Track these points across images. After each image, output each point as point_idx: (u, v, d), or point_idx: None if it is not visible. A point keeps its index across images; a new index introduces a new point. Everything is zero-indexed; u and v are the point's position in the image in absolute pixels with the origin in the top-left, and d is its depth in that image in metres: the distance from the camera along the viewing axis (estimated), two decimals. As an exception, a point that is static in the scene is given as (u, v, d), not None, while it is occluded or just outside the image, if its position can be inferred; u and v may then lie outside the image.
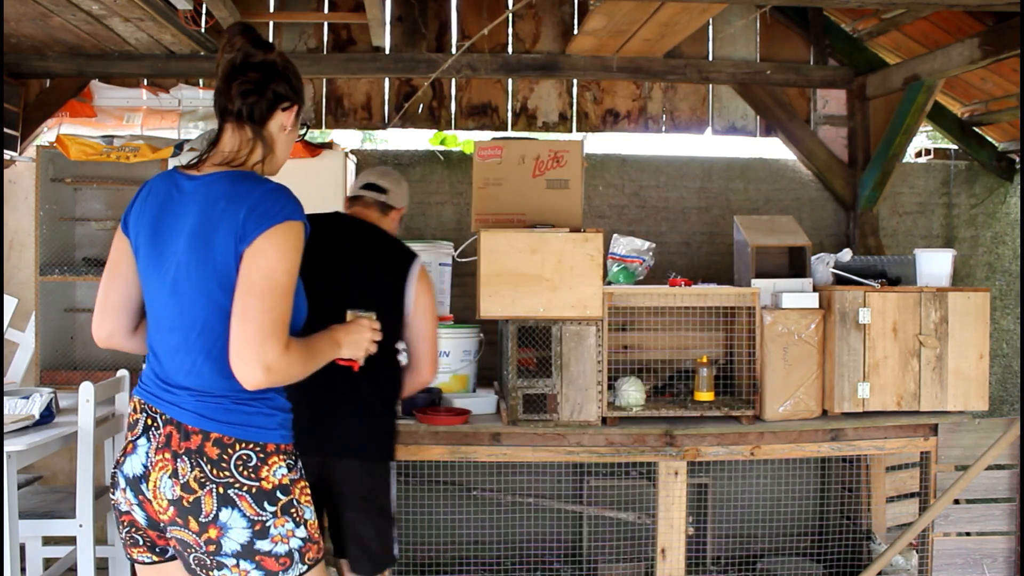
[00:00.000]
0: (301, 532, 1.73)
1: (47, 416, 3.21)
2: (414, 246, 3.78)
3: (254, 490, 1.68)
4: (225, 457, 1.68)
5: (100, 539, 3.62)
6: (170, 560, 1.81)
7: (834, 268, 3.48)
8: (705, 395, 3.25)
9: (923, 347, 3.26)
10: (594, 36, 4.01)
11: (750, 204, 4.59)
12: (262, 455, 1.71)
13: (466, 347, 3.54)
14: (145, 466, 1.72)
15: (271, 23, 4.43)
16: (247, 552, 1.67)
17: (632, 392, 3.23)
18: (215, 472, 1.67)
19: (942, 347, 3.27)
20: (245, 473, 1.68)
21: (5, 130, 4.04)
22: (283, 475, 1.73)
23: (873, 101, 4.51)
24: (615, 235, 3.69)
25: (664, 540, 3.22)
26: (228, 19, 3.86)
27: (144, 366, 1.85)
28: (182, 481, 1.67)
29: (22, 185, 4.32)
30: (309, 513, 1.77)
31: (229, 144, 1.80)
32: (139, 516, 1.77)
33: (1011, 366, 4.76)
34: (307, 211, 1.86)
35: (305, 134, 1.99)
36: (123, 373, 3.59)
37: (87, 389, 3.10)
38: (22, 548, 3.44)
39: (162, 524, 1.73)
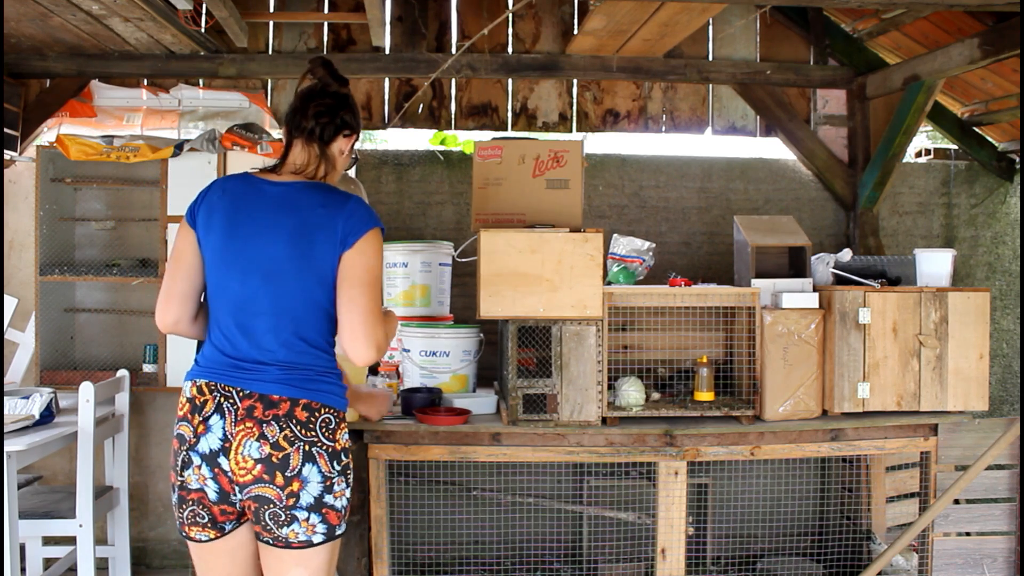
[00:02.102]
0: (348, 493, 2.04)
1: (47, 416, 3.21)
2: (414, 246, 3.81)
3: (330, 449, 1.99)
4: (312, 419, 1.98)
5: (100, 539, 3.62)
6: (226, 536, 2.03)
7: (834, 268, 3.48)
8: (705, 395, 3.25)
9: (923, 347, 3.26)
10: (594, 36, 4.02)
11: (750, 204, 4.60)
12: (337, 419, 2.03)
13: (466, 347, 3.54)
14: (223, 440, 1.95)
15: (271, 23, 4.43)
16: (317, 505, 1.96)
17: (632, 392, 3.23)
18: (303, 432, 1.96)
19: (942, 347, 3.27)
20: (327, 434, 1.99)
21: (5, 130, 4.04)
22: (347, 439, 2.06)
23: (873, 101, 4.51)
24: (615, 235, 3.69)
25: (664, 540, 3.22)
26: (228, 19, 3.86)
27: (203, 350, 2.07)
28: (271, 441, 1.94)
29: (22, 185, 4.32)
30: (352, 478, 2.07)
31: (300, 158, 2.11)
32: (211, 490, 1.98)
33: (1011, 366, 4.76)
34: None
35: (352, 165, 2.29)
36: (123, 373, 3.59)
37: (87, 389, 3.10)
38: (22, 548, 3.44)
39: (239, 487, 1.95)
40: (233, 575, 2.06)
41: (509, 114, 4.58)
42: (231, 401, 1.97)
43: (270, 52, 4.46)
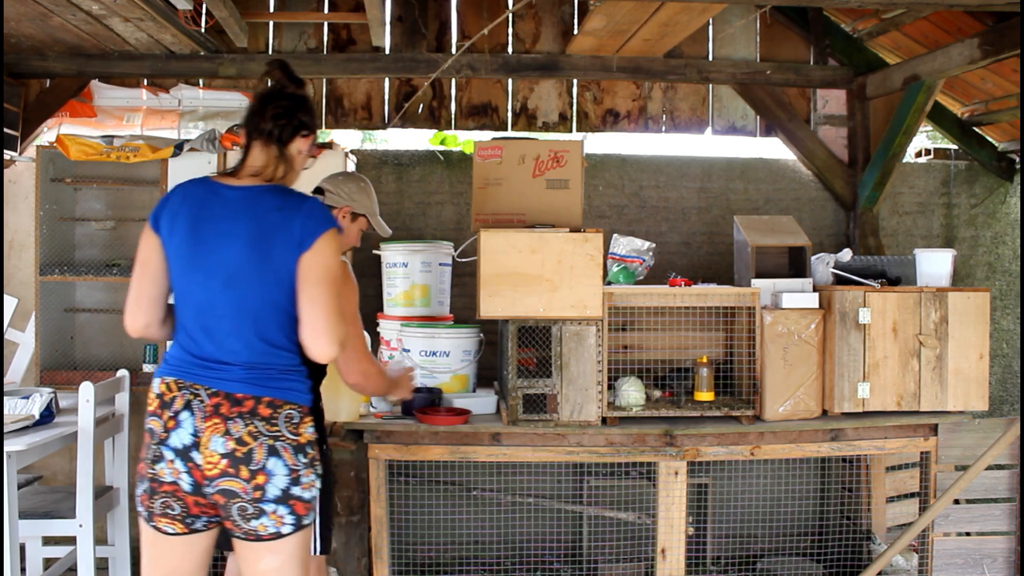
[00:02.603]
0: (318, 484, 2.11)
1: (47, 416, 3.21)
2: (414, 246, 3.81)
3: (294, 443, 2.06)
4: (275, 415, 2.05)
5: (100, 539, 3.62)
6: (191, 534, 2.10)
7: (834, 268, 3.48)
8: (705, 395, 3.25)
9: (923, 347, 3.26)
10: (594, 36, 4.02)
11: (750, 204, 4.60)
12: (301, 414, 2.09)
13: (466, 347, 3.54)
14: (194, 435, 2.03)
15: (271, 23, 4.43)
16: (284, 497, 2.03)
17: (632, 392, 3.23)
18: (267, 427, 2.03)
19: (942, 347, 3.27)
20: (290, 428, 2.06)
21: (5, 130, 4.04)
22: (312, 433, 2.11)
23: (873, 101, 4.51)
24: (615, 235, 3.69)
25: (664, 540, 3.22)
26: (228, 19, 3.86)
27: (171, 350, 2.14)
28: (236, 437, 2.01)
29: (22, 185, 4.32)
30: (320, 468, 2.13)
31: (259, 160, 2.15)
32: (185, 483, 2.04)
33: (1011, 366, 4.76)
34: None
35: (311, 166, 2.32)
36: (123, 373, 3.59)
37: (87, 389, 3.10)
38: (22, 548, 3.44)
39: (207, 484, 2.02)
40: (181, 570, 2.12)
41: (509, 114, 4.58)
42: (199, 399, 2.04)
43: (270, 52, 4.45)
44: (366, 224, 2.89)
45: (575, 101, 4.61)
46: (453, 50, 4.43)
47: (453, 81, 4.54)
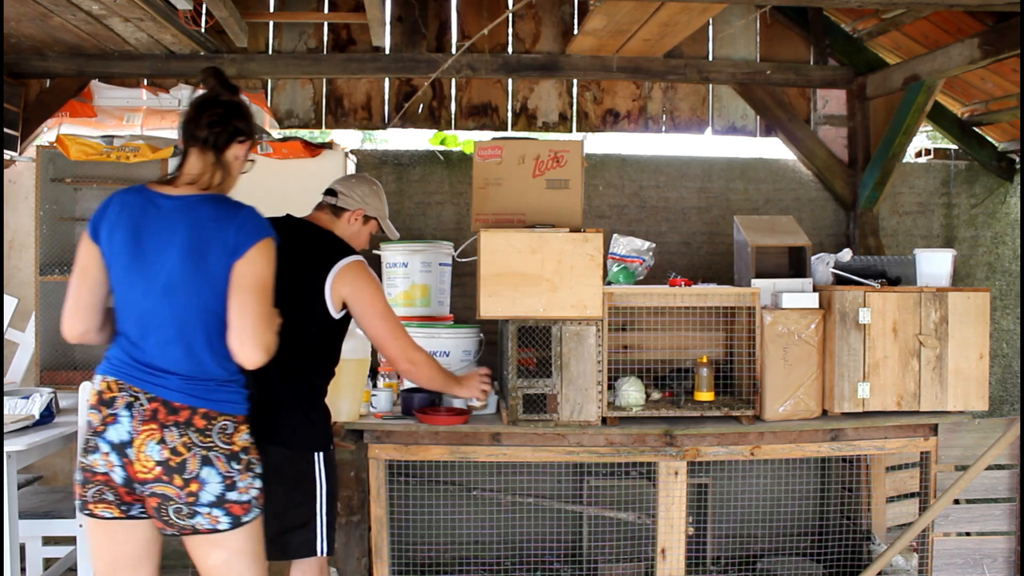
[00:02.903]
0: (257, 483, 2.19)
1: (47, 416, 3.21)
2: (414, 246, 3.81)
3: (228, 452, 2.12)
4: (210, 427, 2.10)
5: (100, 539, 3.61)
6: (129, 519, 2.15)
7: (834, 268, 3.48)
8: (705, 395, 3.25)
9: (923, 347, 3.26)
10: (594, 36, 4.02)
11: (750, 204, 4.60)
12: (235, 424, 2.15)
13: (466, 347, 3.54)
14: (130, 434, 2.08)
15: (271, 23, 4.43)
16: (219, 501, 2.10)
17: (632, 392, 3.23)
18: (200, 439, 2.09)
19: (942, 347, 3.27)
20: (223, 439, 2.12)
21: (5, 130, 4.04)
22: (246, 440, 2.18)
23: (873, 101, 4.51)
24: (615, 235, 3.69)
25: (664, 540, 3.22)
26: (228, 19, 3.86)
27: (112, 351, 2.17)
28: (170, 446, 2.06)
29: (22, 185, 4.32)
30: (260, 468, 2.22)
31: (195, 167, 2.18)
32: (118, 476, 2.10)
33: (1011, 366, 4.76)
34: (302, 212, 2.55)
35: (249, 170, 2.35)
36: (123, 373, 3.58)
37: (87, 389, 3.10)
38: (22, 548, 3.44)
39: (140, 483, 2.09)
40: (126, 555, 2.16)
41: (509, 114, 4.58)
42: (139, 402, 2.09)
43: (270, 52, 4.46)
44: (376, 227, 2.89)
45: (575, 101, 4.61)
46: (453, 50, 4.44)
47: (453, 81, 4.54)
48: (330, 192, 2.83)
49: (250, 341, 2.09)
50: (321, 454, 2.67)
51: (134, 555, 2.17)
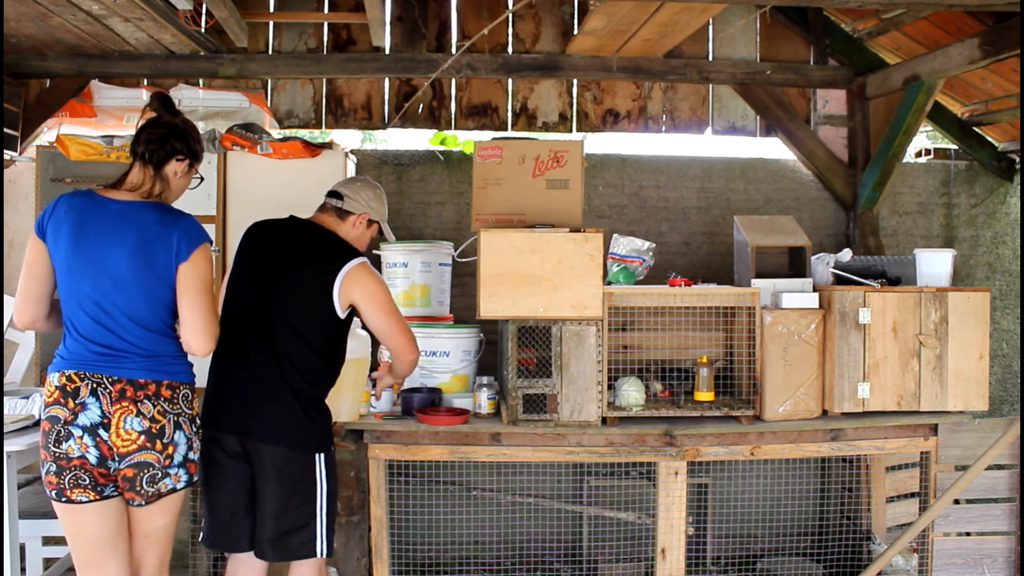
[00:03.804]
0: (199, 445, 2.50)
1: (47, 416, 3.20)
2: (414, 246, 3.81)
3: (190, 417, 2.45)
4: (175, 395, 2.42)
5: (100, 539, 3.61)
6: (103, 500, 2.38)
7: (834, 268, 3.48)
8: (705, 395, 3.25)
9: (923, 347, 3.26)
10: (594, 36, 4.01)
11: (750, 204, 4.60)
12: (192, 391, 2.48)
13: (466, 347, 3.54)
14: (102, 416, 2.34)
15: (271, 23, 4.43)
16: (184, 461, 2.43)
17: (632, 392, 3.23)
18: (171, 406, 2.40)
19: (942, 347, 3.27)
20: (187, 405, 2.45)
21: (5, 130, 4.04)
22: (198, 406, 2.54)
23: (873, 101, 4.51)
24: (615, 235, 3.69)
25: (664, 540, 3.22)
26: (228, 19, 3.86)
27: (63, 348, 2.41)
28: (149, 416, 2.36)
29: (22, 185, 4.32)
30: (202, 433, 2.54)
31: (136, 178, 2.48)
32: (92, 456, 2.34)
33: (1011, 366, 4.76)
34: (302, 212, 2.84)
35: (197, 186, 2.65)
36: (123, 373, 3.58)
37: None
38: (22, 548, 3.44)
39: (120, 457, 2.35)
40: (104, 535, 2.39)
41: (509, 114, 4.58)
42: (103, 386, 2.34)
43: (270, 52, 4.46)
44: (377, 230, 2.93)
45: (575, 101, 4.61)
46: (453, 50, 4.44)
47: (453, 81, 4.54)
48: (334, 195, 2.86)
49: (201, 334, 2.40)
50: (322, 455, 2.67)
51: (110, 534, 2.41)
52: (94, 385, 2.34)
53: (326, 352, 2.71)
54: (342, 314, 2.70)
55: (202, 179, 2.68)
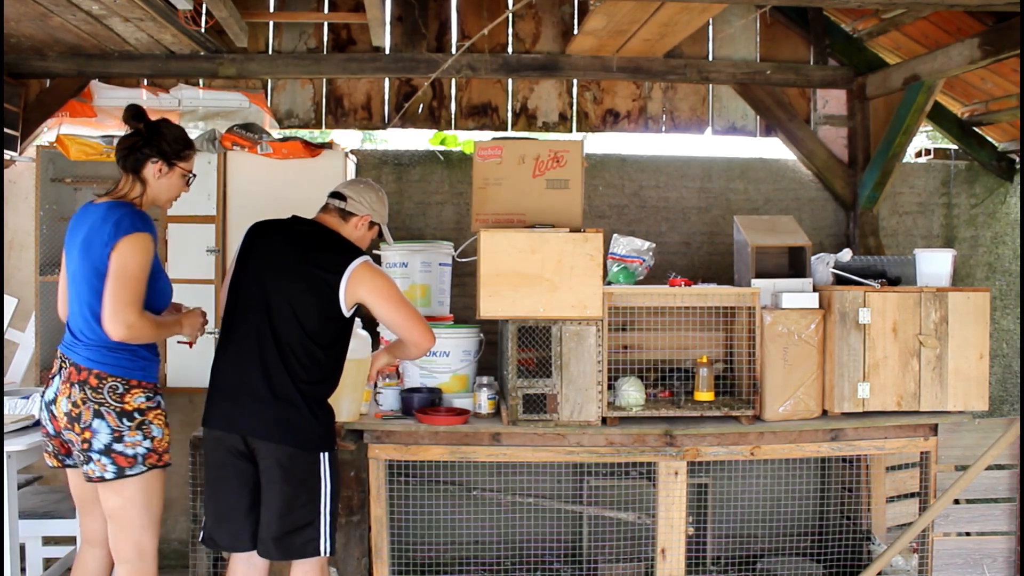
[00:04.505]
0: (146, 443, 2.61)
1: (47, 416, 3.21)
2: (414, 246, 3.81)
3: (118, 409, 2.58)
4: (101, 386, 2.58)
5: (100, 539, 3.61)
6: (68, 467, 2.75)
7: (834, 268, 3.48)
8: (705, 395, 3.25)
9: (923, 347, 3.26)
10: (594, 36, 4.01)
11: (750, 204, 4.60)
12: (126, 386, 2.60)
13: (466, 347, 3.54)
14: (55, 393, 2.64)
15: (271, 23, 4.43)
16: (107, 451, 2.57)
17: (632, 392, 3.23)
18: (93, 395, 2.57)
19: (942, 347, 3.27)
20: (114, 397, 2.58)
21: (5, 130, 4.04)
22: (141, 402, 2.62)
23: (873, 101, 4.51)
24: (615, 235, 3.69)
25: (664, 540, 3.22)
26: (228, 19, 3.86)
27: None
28: (72, 400, 2.59)
29: (22, 185, 4.32)
30: (157, 432, 2.64)
31: (122, 183, 2.73)
32: (50, 427, 2.68)
33: (1011, 366, 4.76)
34: (303, 212, 2.90)
35: (190, 181, 2.84)
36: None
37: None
38: (22, 548, 3.44)
39: (59, 432, 2.65)
40: (78, 497, 2.79)
41: (509, 114, 4.58)
42: (64, 367, 2.64)
43: (270, 52, 4.45)
44: (377, 232, 2.97)
45: (575, 101, 4.61)
46: (453, 50, 4.44)
47: (453, 81, 4.54)
48: (338, 196, 2.88)
49: (110, 319, 2.52)
50: (327, 454, 2.69)
51: (84, 497, 2.76)
52: (60, 365, 2.65)
53: (332, 350, 2.73)
54: (347, 313, 2.72)
55: (194, 176, 2.84)
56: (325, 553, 2.68)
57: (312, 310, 2.68)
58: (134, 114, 2.79)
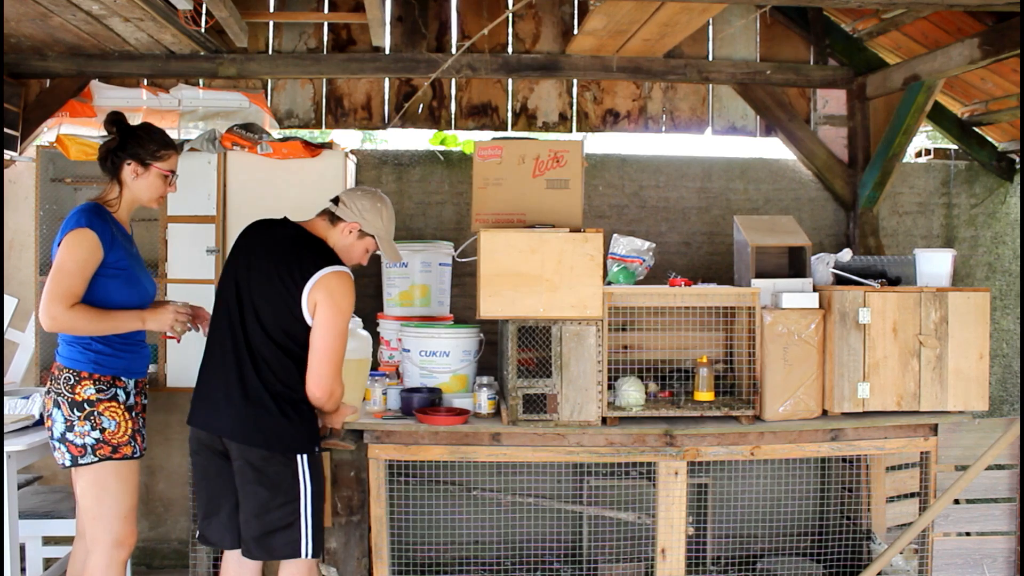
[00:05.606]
0: (95, 434, 2.73)
1: (47, 416, 3.21)
2: (414, 246, 3.81)
3: (69, 400, 2.73)
4: (58, 377, 2.76)
5: (100, 539, 3.61)
6: None
7: (834, 268, 3.48)
8: (705, 395, 3.25)
9: (923, 347, 3.26)
10: (594, 36, 4.02)
11: (750, 204, 4.60)
12: (77, 378, 2.75)
13: (466, 347, 3.54)
14: None
15: (271, 23, 4.43)
16: (61, 439, 2.73)
17: (632, 392, 3.23)
18: (53, 385, 2.77)
19: (942, 347, 3.27)
20: (66, 388, 2.74)
21: (5, 130, 4.04)
22: (91, 394, 2.75)
23: (873, 101, 4.51)
24: (615, 235, 3.69)
25: (664, 540, 3.22)
26: (228, 19, 3.86)
27: None
28: (46, 390, 2.82)
29: (22, 185, 4.32)
30: (108, 424, 2.75)
31: (108, 188, 2.88)
32: None
33: (1011, 366, 4.76)
34: (302, 212, 2.90)
35: (172, 181, 2.92)
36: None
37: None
38: (22, 548, 3.44)
39: None
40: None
41: (509, 114, 4.58)
42: None
43: (270, 52, 4.46)
44: (374, 245, 2.87)
45: (575, 101, 4.61)
46: (453, 50, 4.44)
47: (453, 81, 4.54)
48: (335, 199, 2.85)
49: (41, 310, 2.66)
50: (304, 456, 2.66)
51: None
52: None
53: (300, 356, 2.67)
54: (310, 320, 2.65)
55: (176, 175, 2.96)
56: (307, 555, 2.66)
57: (279, 314, 2.64)
58: (111, 120, 2.90)
